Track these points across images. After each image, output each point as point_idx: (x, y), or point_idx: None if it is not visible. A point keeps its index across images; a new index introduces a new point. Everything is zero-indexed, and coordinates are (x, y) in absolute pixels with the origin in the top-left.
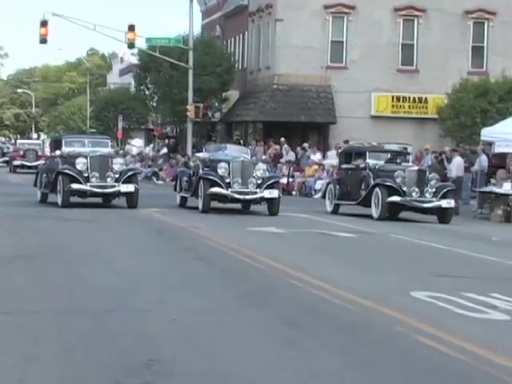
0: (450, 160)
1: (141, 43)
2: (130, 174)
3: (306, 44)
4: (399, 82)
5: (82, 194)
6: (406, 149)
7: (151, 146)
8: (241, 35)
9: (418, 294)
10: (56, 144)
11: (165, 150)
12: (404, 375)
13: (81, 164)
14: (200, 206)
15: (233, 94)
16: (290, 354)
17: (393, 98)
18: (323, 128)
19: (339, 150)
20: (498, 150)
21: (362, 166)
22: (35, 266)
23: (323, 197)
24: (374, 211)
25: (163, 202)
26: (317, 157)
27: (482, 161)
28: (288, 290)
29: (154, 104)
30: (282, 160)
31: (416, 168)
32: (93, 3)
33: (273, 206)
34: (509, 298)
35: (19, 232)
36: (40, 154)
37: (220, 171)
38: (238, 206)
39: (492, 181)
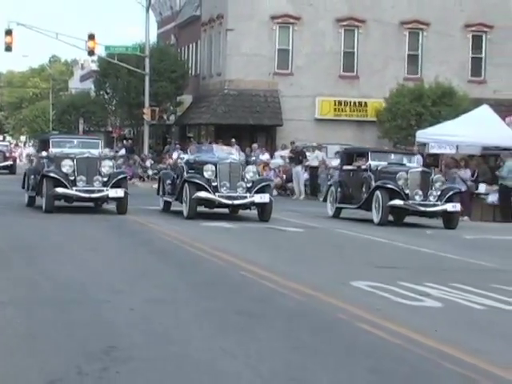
0: None
1: (100, 51)
2: (119, 177)
3: (254, 52)
4: (341, 87)
5: (67, 198)
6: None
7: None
8: (194, 43)
9: (358, 283)
10: (43, 144)
11: (123, 151)
12: (346, 359)
13: (67, 166)
14: (185, 212)
15: (186, 99)
16: (241, 340)
17: (335, 102)
18: (270, 130)
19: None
20: (431, 150)
21: (364, 167)
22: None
23: (324, 200)
24: (375, 216)
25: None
26: (265, 157)
27: (418, 160)
28: (238, 281)
29: (113, 108)
30: None
31: (420, 169)
32: (55, 13)
33: (264, 211)
34: (441, 286)
35: None
36: (8, 155)
37: (206, 174)
38: (225, 210)
39: None
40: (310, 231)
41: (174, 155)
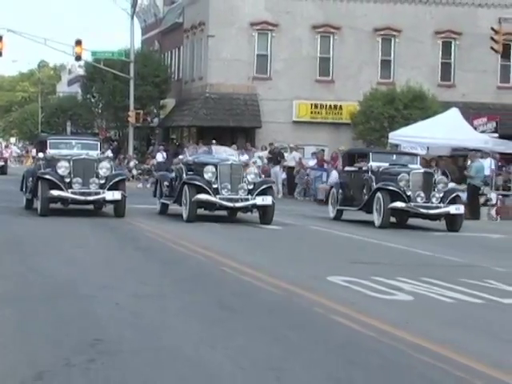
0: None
1: (87, 56)
2: (116, 179)
3: (234, 57)
4: (317, 91)
5: (63, 201)
6: (323, 150)
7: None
8: (176, 49)
9: (334, 278)
10: (41, 145)
11: (109, 153)
12: (323, 351)
13: (62, 168)
14: (185, 215)
15: (169, 102)
16: (222, 333)
17: (311, 105)
18: (250, 132)
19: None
20: (403, 151)
21: (365, 168)
22: None
23: (325, 201)
24: (376, 218)
25: None
26: (244, 157)
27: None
28: (219, 276)
29: (99, 110)
30: None
31: (422, 170)
32: (44, 19)
33: (266, 214)
34: (413, 281)
35: None
36: None
37: (206, 176)
38: (224, 213)
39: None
40: (287, 228)
41: (158, 156)
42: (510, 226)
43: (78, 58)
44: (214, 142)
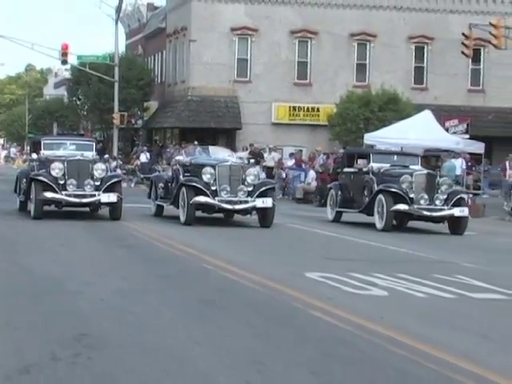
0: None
1: (73, 60)
2: (112, 181)
3: (215, 61)
4: (295, 93)
5: (57, 203)
6: (301, 151)
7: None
8: (160, 53)
9: (311, 274)
10: (34, 146)
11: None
12: (301, 344)
13: (56, 169)
14: (182, 218)
15: (153, 104)
16: (203, 327)
17: (290, 107)
18: (231, 133)
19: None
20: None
21: (365, 169)
22: None
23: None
24: (378, 221)
25: None
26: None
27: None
28: (202, 273)
29: (85, 112)
30: None
31: (425, 172)
32: (31, 24)
33: (266, 216)
34: (388, 277)
35: None
36: None
37: (205, 177)
38: (220, 214)
39: None
40: (272, 227)
41: (142, 157)
42: (479, 224)
43: (65, 61)
44: (196, 143)
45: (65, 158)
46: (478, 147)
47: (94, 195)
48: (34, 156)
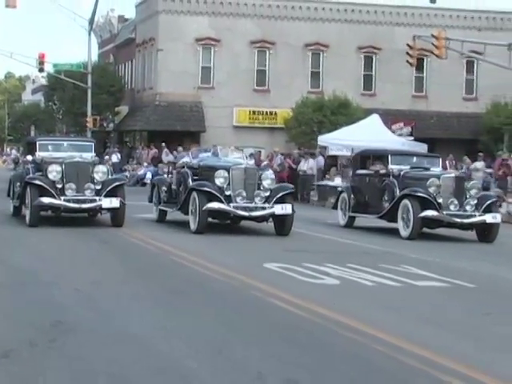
0: (298, 161)
1: (49, 68)
2: (114, 185)
3: (181, 69)
4: (255, 99)
5: (54, 209)
6: (260, 151)
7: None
8: (130, 62)
9: (269, 265)
10: (29, 147)
11: None
12: (263, 331)
13: (54, 172)
14: (193, 225)
15: (123, 109)
16: (173, 316)
17: (250, 111)
18: (195, 135)
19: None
20: (331, 152)
21: (383, 171)
22: None
23: (334, 207)
24: (402, 228)
25: None
26: (187, 158)
27: (319, 161)
28: (172, 266)
29: (60, 116)
30: (164, 160)
31: (453, 175)
32: (10, 35)
33: (284, 224)
34: (339, 267)
35: None
36: None
37: (218, 181)
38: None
39: (327, 176)
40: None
41: (113, 157)
42: None
43: (41, 69)
44: (163, 144)
45: (62, 160)
46: (422, 148)
47: (95, 200)
48: (29, 158)
